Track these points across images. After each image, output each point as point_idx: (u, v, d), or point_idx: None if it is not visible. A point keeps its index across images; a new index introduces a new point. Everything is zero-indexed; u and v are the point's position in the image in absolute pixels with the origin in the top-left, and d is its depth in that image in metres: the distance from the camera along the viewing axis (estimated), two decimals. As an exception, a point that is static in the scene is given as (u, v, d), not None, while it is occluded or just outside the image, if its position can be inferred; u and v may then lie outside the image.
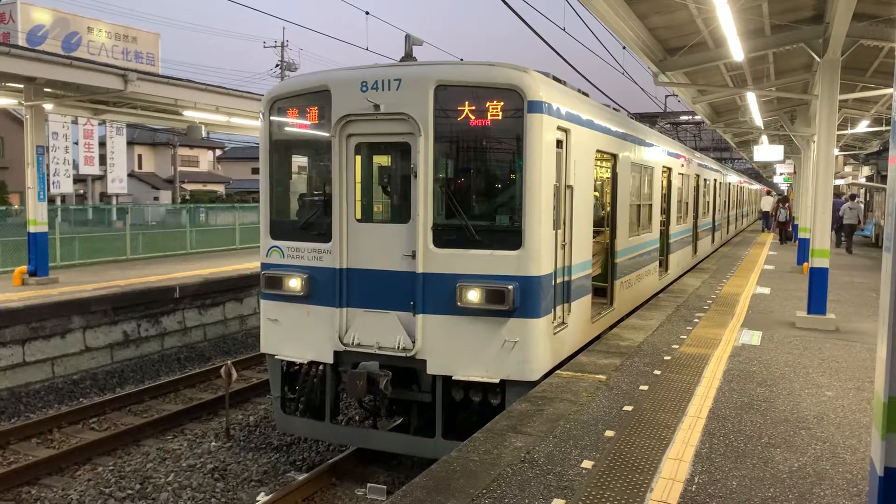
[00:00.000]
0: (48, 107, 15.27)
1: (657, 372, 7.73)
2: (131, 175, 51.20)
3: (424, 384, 7.63)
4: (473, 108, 7.30)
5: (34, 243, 14.58)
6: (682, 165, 16.48)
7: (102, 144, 42.12)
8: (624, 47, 13.55)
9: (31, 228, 14.59)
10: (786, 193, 38.14)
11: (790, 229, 26.93)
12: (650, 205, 12.95)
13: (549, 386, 7.12)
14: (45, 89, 14.24)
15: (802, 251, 17.82)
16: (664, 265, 14.75)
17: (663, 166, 14.02)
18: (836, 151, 17.79)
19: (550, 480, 4.86)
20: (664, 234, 14.59)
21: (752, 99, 17.43)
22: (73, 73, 12.91)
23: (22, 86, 13.88)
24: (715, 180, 23.57)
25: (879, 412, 2.75)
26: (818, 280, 10.57)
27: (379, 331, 7.66)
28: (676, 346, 8.98)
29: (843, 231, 24.68)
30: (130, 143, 50.14)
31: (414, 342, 7.48)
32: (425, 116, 7.33)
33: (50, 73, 12.68)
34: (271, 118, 8.32)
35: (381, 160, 8.28)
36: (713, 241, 23.80)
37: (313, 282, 7.94)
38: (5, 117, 40.54)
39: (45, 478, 8.52)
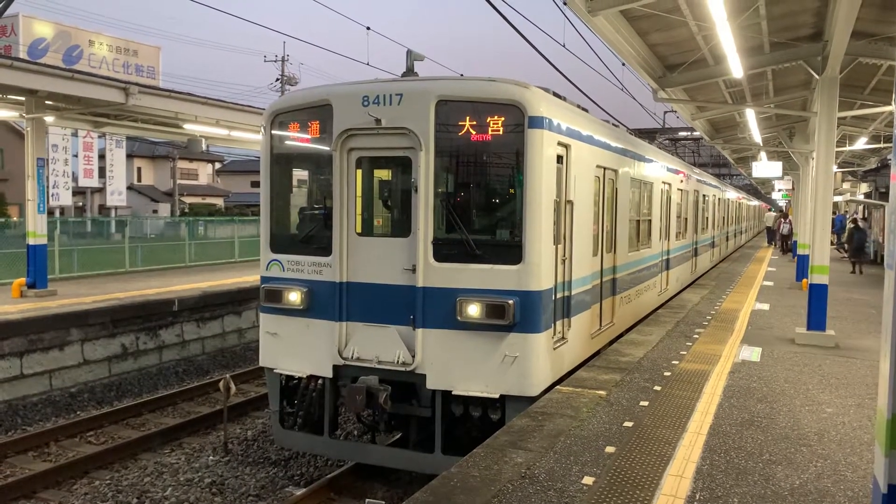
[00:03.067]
0: (49, 119, 15.31)
1: (657, 388, 7.71)
2: (130, 188, 51.23)
3: (424, 399, 7.60)
4: (474, 123, 7.32)
5: (33, 255, 14.58)
6: (681, 181, 16.53)
7: (102, 157, 42.17)
8: (623, 64, 13.64)
9: (31, 240, 14.59)
10: (784, 210, 39.91)
11: (790, 242, 30.05)
12: (649, 220, 12.98)
13: (549, 401, 7.10)
14: (47, 102, 14.29)
15: (801, 267, 17.83)
16: (664, 281, 14.75)
17: (662, 182, 14.06)
18: (835, 168, 17.85)
19: (551, 497, 4.83)
20: (663, 250, 14.61)
21: (750, 115, 17.50)
22: (74, 86, 12.96)
23: (23, 98, 13.93)
24: (714, 196, 23.63)
25: (882, 429, 2.74)
26: (818, 296, 10.57)
27: (378, 345, 7.64)
28: (676, 362, 8.97)
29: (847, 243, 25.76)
30: (130, 156, 50.19)
31: (413, 356, 7.46)
32: (426, 131, 7.36)
33: (52, 86, 12.72)
34: (273, 132, 8.34)
35: (382, 174, 8.30)
36: (712, 256, 23.82)
37: (313, 295, 7.93)
38: (5, 129, 40.58)
39: (42, 491, 8.47)
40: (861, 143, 22.01)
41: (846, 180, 36.76)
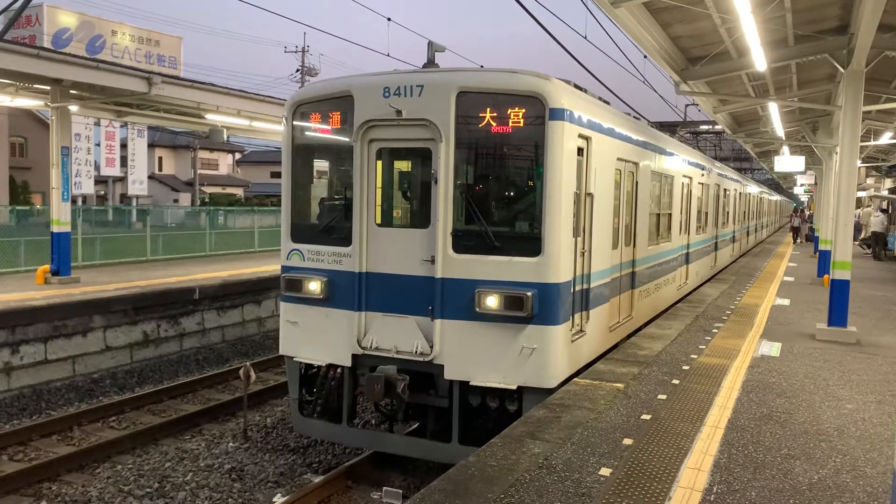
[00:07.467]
0: (73, 108, 15.47)
1: (676, 381, 7.70)
2: (151, 177, 51.70)
3: (441, 389, 7.64)
4: (495, 114, 7.32)
5: (57, 243, 14.76)
6: (702, 175, 16.41)
7: (124, 146, 42.59)
8: (645, 56, 13.54)
9: (55, 228, 14.76)
10: (803, 206, 44.44)
11: (801, 232, 38.12)
12: (670, 214, 12.91)
13: (566, 393, 7.12)
14: (71, 91, 14.43)
15: (823, 263, 17.67)
16: (683, 275, 14.68)
17: (683, 175, 13.98)
18: (859, 163, 17.65)
19: (568, 487, 4.86)
20: (684, 244, 14.54)
21: (773, 109, 17.32)
22: (99, 75, 13.09)
23: (48, 87, 14.08)
24: (735, 190, 23.44)
25: (904, 424, 2.74)
26: (839, 292, 10.47)
27: (397, 335, 7.69)
28: (695, 356, 8.94)
29: (871, 238, 26.85)
30: (151, 146, 50.65)
31: (432, 347, 7.50)
32: (447, 122, 7.37)
33: (77, 76, 12.86)
34: (294, 122, 8.39)
35: (402, 165, 8.34)
36: (732, 251, 23.65)
37: (333, 285, 7.99)
38: (29, 118, 41.07)
39: (66, 475, 8.62)
40: (886, 138, 21.73)
41: (870, 175, 36.35)
